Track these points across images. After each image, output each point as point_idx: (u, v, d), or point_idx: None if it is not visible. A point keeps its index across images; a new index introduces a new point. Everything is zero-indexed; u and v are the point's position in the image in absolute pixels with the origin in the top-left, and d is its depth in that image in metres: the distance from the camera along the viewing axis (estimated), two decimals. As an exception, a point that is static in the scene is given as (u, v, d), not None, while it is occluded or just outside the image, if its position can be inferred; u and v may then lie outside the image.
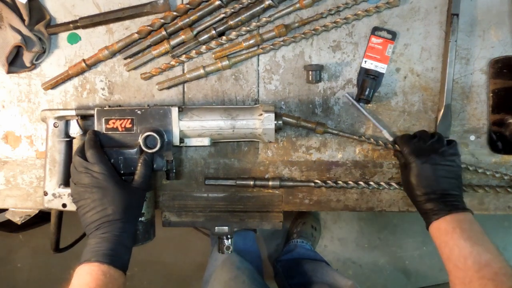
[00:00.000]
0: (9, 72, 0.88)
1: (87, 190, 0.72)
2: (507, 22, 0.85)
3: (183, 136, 0.82)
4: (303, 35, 0.86)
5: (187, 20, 0.85)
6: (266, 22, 0.86)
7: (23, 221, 1.00)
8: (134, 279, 1.94)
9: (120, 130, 0.80)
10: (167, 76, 0.90)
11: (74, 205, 0.76)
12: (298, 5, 0.85)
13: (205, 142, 0.83)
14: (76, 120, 0.84)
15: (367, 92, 0.85)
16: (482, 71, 0.87)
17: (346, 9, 0.85)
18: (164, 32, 0.86)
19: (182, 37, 0.86)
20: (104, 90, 0.91)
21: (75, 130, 0.84)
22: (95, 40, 0.90)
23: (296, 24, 0.86)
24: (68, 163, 0.84)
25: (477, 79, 0.87)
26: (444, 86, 0.85)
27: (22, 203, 0.94)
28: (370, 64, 0.86)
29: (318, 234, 1.84)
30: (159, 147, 0.77)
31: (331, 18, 0.86)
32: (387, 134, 0.87)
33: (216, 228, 0.90)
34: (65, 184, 0.83)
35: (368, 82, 0.85)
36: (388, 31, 0.86)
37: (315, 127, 0.84)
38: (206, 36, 0.86)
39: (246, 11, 0.85)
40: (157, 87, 0.89)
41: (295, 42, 0.87)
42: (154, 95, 0.90)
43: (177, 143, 0.81)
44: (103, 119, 0.80)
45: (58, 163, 0.83)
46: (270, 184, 0.88)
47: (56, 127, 0.83)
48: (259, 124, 0.80)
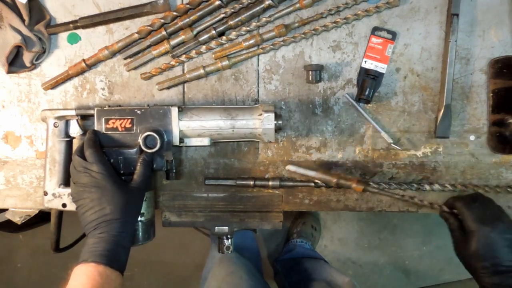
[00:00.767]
0: (9, 72, 0.88)
1: (86, 190, 0.72)
2: (507, 22, 0.85)
3: (183, 136, 0.82)
4: (303, 35, 0.86)
5: (187, 20, 0.85)
6: (266, 22, 0.86)
7: (23, 221, 1.00)
8: (134, 279, 1.94)
9: (120, 130, 0.80)
10: (167, 76, 0.90)
11: (74, 205, 0.76)
12: (298, 5, 0.85)
13: (205, 142, 0.83)
14: (76, 120, 0.84)
15: (367, 92, 0.85)
16: (482, 71, 0.87)
17: (346, 9, 0.85)
18: (164, 32, 0.86)
19: (182, 37, 0.86)
20: (104, 90, 0.91)
21: (75, 130, 0.84)
22: (95, 40, 0.90)
23: (296, 24, 0.86)
24: (68, 163, 0.84)
25: (477, 79, 0.87)
26: (444, 86, 0.85)
27: (22, 203, 0.94)
28: (370, 64, 0.86)
29: (318, 234, 1.84)
30: (158, 147, 0.77)
31: (331, 18, 0.86)
32: (386, 136, 0.87)
33: (216, 228, 0.90)
34: (65, 184, 0.83)
35: (368, 82, 0.85)
36: (388, 31, 0.86)
37: (355, 185, 0.82)
38: (206, 36, 0.86)
39: (246, 11, 0.85)
40: (157, 87, 0.89)
41: (295, 42, 0.87)
42: (154, 95, 0.90)
43: (177, 143, 0.81)
44: (103, 119, 0.80)
45: (58, 163, 0.83)
46: (270, 184, 0.88)
47: (56, 127, 0.83)
48: (259, 124, 0.80)
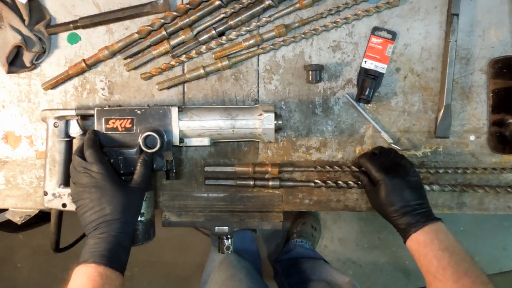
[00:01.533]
0: (9, 72, 0.88)
1: (86, 190, 0.72)
2: (507, 22, 0.85)
3: (183, 136, 0.82)
4: (303, 35, 0.86)
5: (187, 20, 0.85)
6: (266, 22, 0.86)
7: (23, 221, 1.00)
8: (134, 279, 1.94)
9: (120, 130, 0.80)
10: (167, 76, 0.90)
11: (74, 205, 0.75)
12: (298, 5, 0.85)
13: (205, 142, 0.83)
14: (76, 120, 0.84)
15: (367, 92, 0.85)
16: (482, 71, 0.87)
17: (346, 9, 0.85)
18: (164, 32, 0.86)
19: (182, 37, 0.86)
20: (104, 90, 0.91)
21: (75, 130, 0.84)
22: (95, 40, 0.90)
23: (296, 24, 0.86)
24: (68, 163, 0.83)
25: (477, 79, 0.87)
26: (444, 86, 0.85)
27: (22, 203, 0.94)
28: (370, 64, 0.86)
29: (318, 234, 1.84)
30: (159, 147, 0.77)
31: (331, 18, 0.86)
32: (386, 136, 0.87)
33: (216, 228, 0.90)
34: (65, 184, 0.83)
35: (368, 82, 0.85)
36: (388, 31, 0.86)
37: (270, 169, 0.87)
38: (206, 36, 0.86)
39: (246, 11, 0.85)
40: (157, 87, 0.89)
41: (295, 42, 0.87)
42: (154, 95, 0.90)
43: (177, 143, 0.81)
44: (103, 119, 0.80)
45: (58, 163, 0.83)
46: (270, 184, 0.88)
47: (56, 127, 0.83)
48: (259, 124, 0.80)
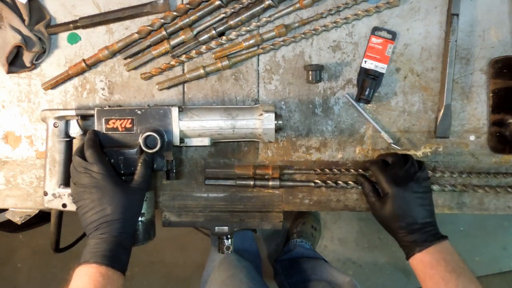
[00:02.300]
0: (9, 72, 0.88)
1: (86, 190, 0.72)
2: (507, 22, 0.85)
3: (183, 136, 0.82)
4: (303, 35, 0.86)
5: (187, 20, 0.85)
6: (266, 22, 0.86)
7: (23, 221, 1.00)
8: (134, 279, 1.94)
9: (120, 130, 0.80)
10: (167, 76, 0.90)
11: (74, 205, 0.76)
12: (298, 5, 0.85)
13: (205, 142, 0.82)
14: (76, 120, 0.84)
15: (367, 92, 0.85)
16: (482, 71, 0.87)
17: (346, 9, 0.85)
18: (164, 32, 0.86)
19: (182, 37, 0.86)
20: (104, 90, 0.91)
21: (75, 130, 0.84)
22: (95, 40, 0.90)
23: (296, 24, 0.86)
24: (68, 163, 0.84)
25: (477, 79, 0.87)
26: (444, 86, 0.85)
27: (22, 203, 0.94)
28: (370, 64, 0.86)
29: (318, 234, 1.84)
30: (159, 147, 0.77)
31: (331, 18, 0.86)
32: (386, 136, 0.87)
33: (216, 228, 0.90)
34: (65, 184, 0.83)
35: (368, 82, 0.85)
36: (388, 31, 0.86)
37: (271, 172, 0.88)
38: (206, 36, 0.86)
39: (246, 11, 0.85)
40: (157, 87, 0.89)
41: (295, 42, 0.87)
42: (154, 95, 0.90)
43: (177, 143, 0.81)
44: (103, 119, 0.80)
45: (58, 163, 0.83)
46: (270, 184, 0.88)
47: (56, 127, 0.83)
48: (259, 124, 0.80)
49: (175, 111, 0.80)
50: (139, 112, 0.80)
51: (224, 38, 0.87)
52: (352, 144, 0.90)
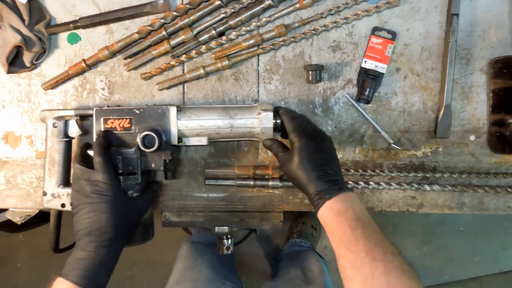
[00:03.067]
0: (9, 72, 0.88)
1: (88, 198, 0.72)
2: (507, 22, 0.85)
3: (182, 135, 0.82)
4: (303, 35, 0.86)
5: (187, 20, 0.85)
6: (266, 22, 0.86)
7: (23, 221, 1.00)
8: (134, 279, 1.94)
9: (118, 129, 0.80)
10: (167, 76, 0.90)
11: (72, 206, 0.76)
12: (298, 5, 0.85)
13: (203, 141, 0.82)
14: (75, 120, 0.84)
15: (367, 92, 0.85)
16: (482, 71, 0.87)
17: (346, 9, 0.85)
18: (164, 32, 0.86)
19: (182, 37, 0.86)
20: (104, 90, 0.91)
21: (74, 130, 0.84)
22: (95, 40, 0.90)
23: (296, 24, 0.86)
24: (67, 163, 0.84)
25: (477, 79, 0.87)
26: (444, 86, 0.85)
27: (22, 203, 0.94)
28: (370, 64, 0.86)
29: (318, 234, 1.84)
30: (157, 146, 0.77)
31: (331, 18, 0.86)
32: (386, 136, 0.87)
33: (216, 228, 0.90)
34: (64, 184, 0.83)
35: (368, 82, 0.85)
36: (388, 31, 0.86)
37: (271, 172, 0.88)
38: (206, 36, 0.86)
39: (246, 11, 0.85)
40: (157, 87, 0.89)
41: (295, 42, 0.87)
42: (154, 95, 0.90)
43: (175, 143, 0.80)
44: (102, 118, 0.80)
45: (57, 163, 0.83)
46: (270, 184, 0.88)
47: (55, 127, 0.83)
48: (258, 123, 0.80)
49: (173, 110, 0.80)
50: (137, 111, 0.80)
51: (224, 38, 0.87)
52: (352, 144, 0.89)
